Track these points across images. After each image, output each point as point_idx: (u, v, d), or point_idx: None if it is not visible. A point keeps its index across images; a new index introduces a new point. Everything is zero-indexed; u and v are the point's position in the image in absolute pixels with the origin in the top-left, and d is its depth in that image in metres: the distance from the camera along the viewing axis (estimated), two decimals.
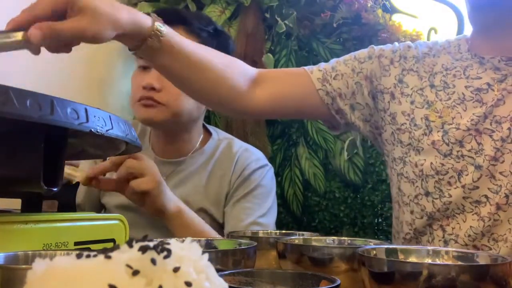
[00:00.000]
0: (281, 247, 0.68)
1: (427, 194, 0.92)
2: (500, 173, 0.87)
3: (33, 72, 1.52)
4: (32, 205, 0.62)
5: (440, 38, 1.09)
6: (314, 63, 1.67)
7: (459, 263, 0.59)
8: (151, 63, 0.91)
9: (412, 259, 0.62)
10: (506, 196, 0.86)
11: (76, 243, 0.59)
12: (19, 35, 0.66)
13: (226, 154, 1.29)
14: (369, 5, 1.58)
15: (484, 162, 0.87)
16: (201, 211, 1.22)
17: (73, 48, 1.60)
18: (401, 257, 0.62)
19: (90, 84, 1.73)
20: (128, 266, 0.28)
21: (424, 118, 0.95)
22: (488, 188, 0.88)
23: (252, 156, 1.28)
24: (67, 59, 1.66)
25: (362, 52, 1.05)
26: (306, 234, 0.85)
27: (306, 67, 1.06)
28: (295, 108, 1.05)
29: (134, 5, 1.84)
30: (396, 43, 1.06)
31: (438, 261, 0.61)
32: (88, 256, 0.29)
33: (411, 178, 0.95)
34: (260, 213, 1.22)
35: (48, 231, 0.57)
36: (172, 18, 1.25)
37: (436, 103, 0.94)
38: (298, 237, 0.80)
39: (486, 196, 0.88)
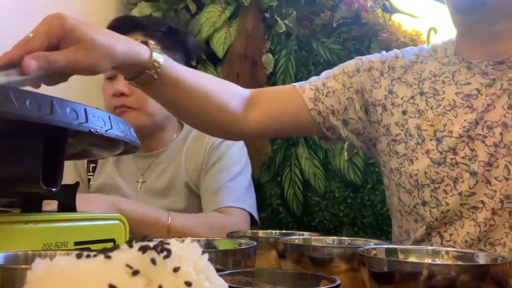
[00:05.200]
0: (281, 247, 0.68)
1: (424, 203, 0.93)
2: (495, 178, 0.87)
3: None
4: (32, 205, 0.62)
5: (435, 41, 1.09)
6: (314, 63, 1.69)
7: (459, 263, 0.59)
8: (147, 91, 0.90)
9: (412, 259, 0.62)
10: (501, 201, 0.86)
11: (76, 243, 0.59)
12: (14, 72, 0.62)
13: (197, 140, 1.34)
14: (369, 5, 1.58)
15: (479, 168, 0.87)
16: (186, 188, 1.30)
17: None
18: (401, 257, 0.62)
19: (90, 84, 1.73)
20: (128, 266, 0.28)
21: (416, 127, 0.94)
22: (484, 194, 0.88)
23: None
24: None
25: (350, 65, 1.04)
26: (306, 234, 0.85)
27: (296, 84, 1.05)
28: (288, 127, 1.06)
29: (134, 5, 1.84)
30: (384, 52, 1.06)
31: (438, 261, 0.61)
32: (88, 256, 0.29)
33: (408, 188, 0.95)
34: (227, 178, 1.28)
35: (48, 231, 0.57)
36: (128, 25, 1.30)
37: (427, 112, 0.94)
38: (298, 237, 0.80)
39: (482, 202, 0.88)
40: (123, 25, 1.32)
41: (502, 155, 0.86)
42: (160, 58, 0.82)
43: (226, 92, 0.98)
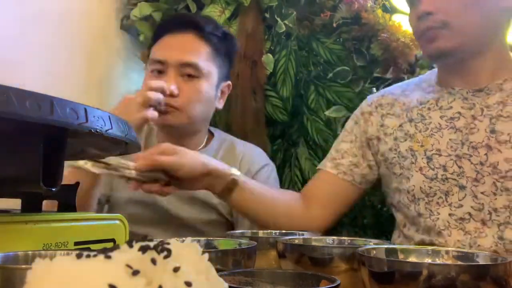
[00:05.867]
0: (281, 247, 0.69)
1: (420, 215, 1.02)
2: (482, 193, 0.96)
3: (33, 72, 1.52)
4: (32, 205, 0.62)
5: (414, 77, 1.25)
6: (314, 63, 1.68)
7: (459, 263, 0.59)
8: (227, 200, 1.09)
9: (412, 259, 0.62)
10: (490, 213, 0.95)
11: (76, 243, 0.59)
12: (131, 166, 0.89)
13: (229, 154, 1.33)
14: (369, 5, 1.58)
15: (467, 183, 0.97)
16: (208, 206, 1.26)
17: (73, 48, 1.61)
18: (401, 257, 0.62)
19: (90, 84, 1.73)
20: (128, 266, 0.28)
21: (408, 149, 1.06)
22: (471, 206, 0.97)
23: (254, 156, 1.33)
24: (67, 59, 1.66)
25: (348, 123, 1.21)
26: (306, 234, 0.85)
27: (318, 167, 1.21)
28: (338, 204, 1.17)
29: (134, 5, 1.84)
30: (369, 97, 1.23)
31: (438, 261, 0.61)
32: (88, 256, 0.29)
33: (406, 203, 1.05)
34: None
35: (48, 231, 0.57)
36: (183, 23, 1.27)
37: (416, 135, 1.06)
38: (298, 237, 0.80)
39: (469, 214, 0.97)
40: (177, 21, 1.30)
41: (488, 173, 0.96)
42: (237, 173, 1.05)
43: (288, 197, 1.17)
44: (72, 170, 0.93)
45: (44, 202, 0.65)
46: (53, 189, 0.50)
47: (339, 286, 0.46)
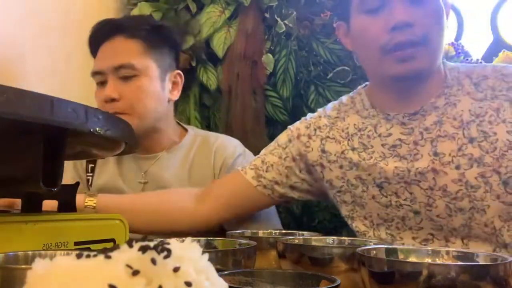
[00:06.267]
0: (281, 247, 0.69)
1: (381, 240, 0.99)
2: (437, 216, 0.94)
3: (33, 72, 1.52)
4: (32, 205, 0.62)
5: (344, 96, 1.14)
6: (314, 63, 1.69)
7: (459, 263, 0.59)
8: None
9: (412, 259, 0.62)
10: (450, 231, 0.94)
11: (76, 243, 0.59)
12: None
13: (203, 148, 1.33)
14: None
15: (421, 208, 0.95)
16: None
17: (73, 48, 1.61)
18: (401, 257, 0.62)
19: (90, 84, 1.73)
20: (128, 266, 0.28)
21: (357, 178, 1.02)
22: (431, 228, 0.95)
23: (228, 147, 1.32)
24: (67, 59, 1.66)
25: (282, 137, 1.15)
26: (306, 234, 0.85)
27: (240, 168, 1.15)
28: (242, 208, 1.15)
29: (134, 5, 1.84)
30: (309, 116, 1.14)
31: (438, 261, 0.61)
32: (88, 256, 0.29)
33: (362, 231, 1.04)
34: None
35: (48, 231, 0.57)
36: (109, 29, 1.29)
37: (361, 163, 1.01)
38: (298, 237, 0.80)
39: (431, 234, 0.96)
40: (104, 29, 1.31)
41: (439, 197, 0.93)
42: (94, 201, 1.05)
43: (168, 199, 1.16)
44: None
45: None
46: (53, 189, 0.50)
47: (339, 286, 0.46)
